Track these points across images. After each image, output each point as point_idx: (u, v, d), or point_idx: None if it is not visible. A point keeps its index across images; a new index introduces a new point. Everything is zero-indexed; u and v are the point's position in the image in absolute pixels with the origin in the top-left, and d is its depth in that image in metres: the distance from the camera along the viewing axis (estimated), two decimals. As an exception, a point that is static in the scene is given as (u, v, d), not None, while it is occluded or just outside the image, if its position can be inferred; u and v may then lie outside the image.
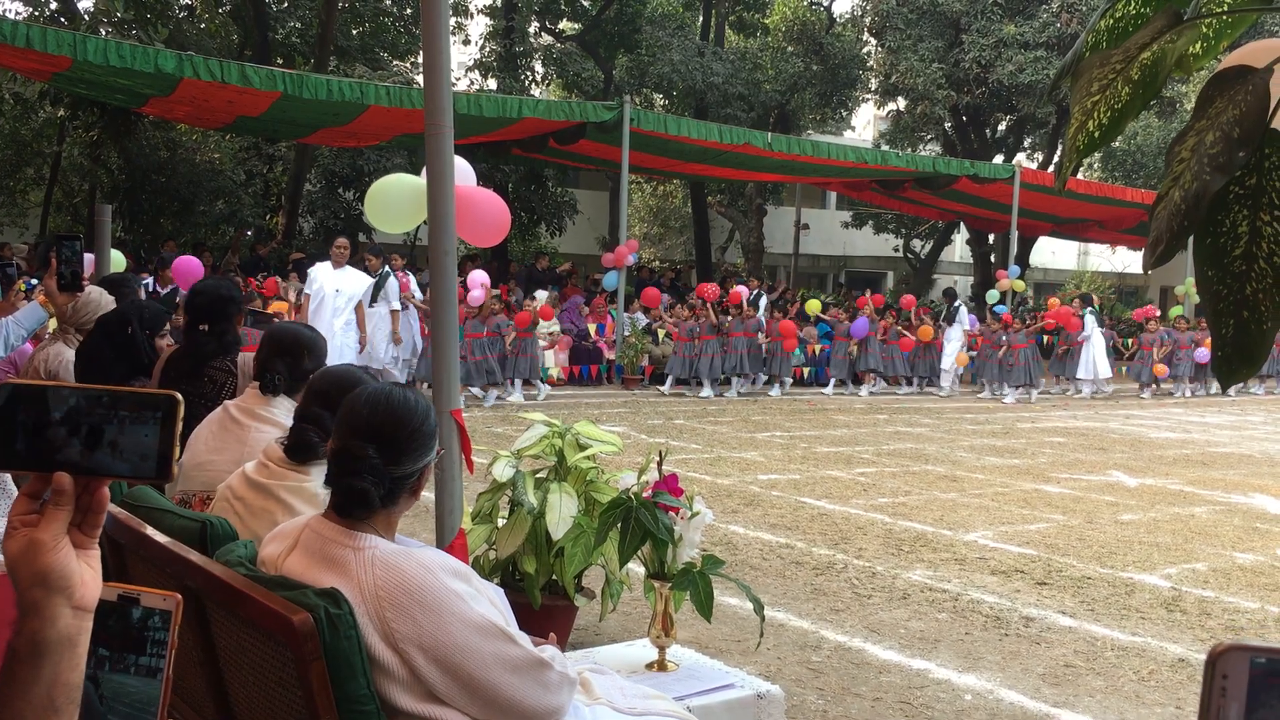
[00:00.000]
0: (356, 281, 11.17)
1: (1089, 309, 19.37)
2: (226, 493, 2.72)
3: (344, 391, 2.68)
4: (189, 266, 11.35)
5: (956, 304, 19.08)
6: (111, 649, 1.43)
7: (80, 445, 1.21)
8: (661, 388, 16.61)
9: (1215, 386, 20.19)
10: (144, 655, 1.46)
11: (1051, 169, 24.55)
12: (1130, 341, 21.46)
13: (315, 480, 2.65)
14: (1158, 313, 21.21)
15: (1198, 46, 2.57)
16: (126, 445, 1.24)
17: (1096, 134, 2.41)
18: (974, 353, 18.82)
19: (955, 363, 18.44)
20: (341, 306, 10.92)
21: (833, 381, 18.08)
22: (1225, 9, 2.53)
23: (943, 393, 18.45)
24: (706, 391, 16.31)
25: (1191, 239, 2.19)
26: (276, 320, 9.80)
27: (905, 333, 18.30)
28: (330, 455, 2.14)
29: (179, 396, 1.28)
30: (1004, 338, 18.09)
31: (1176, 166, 2.13)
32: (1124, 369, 21.00)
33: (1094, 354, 18.99)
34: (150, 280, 13.14)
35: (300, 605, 1.92)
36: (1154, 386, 19.95)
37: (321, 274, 11.07)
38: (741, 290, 17.31)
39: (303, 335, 3.79)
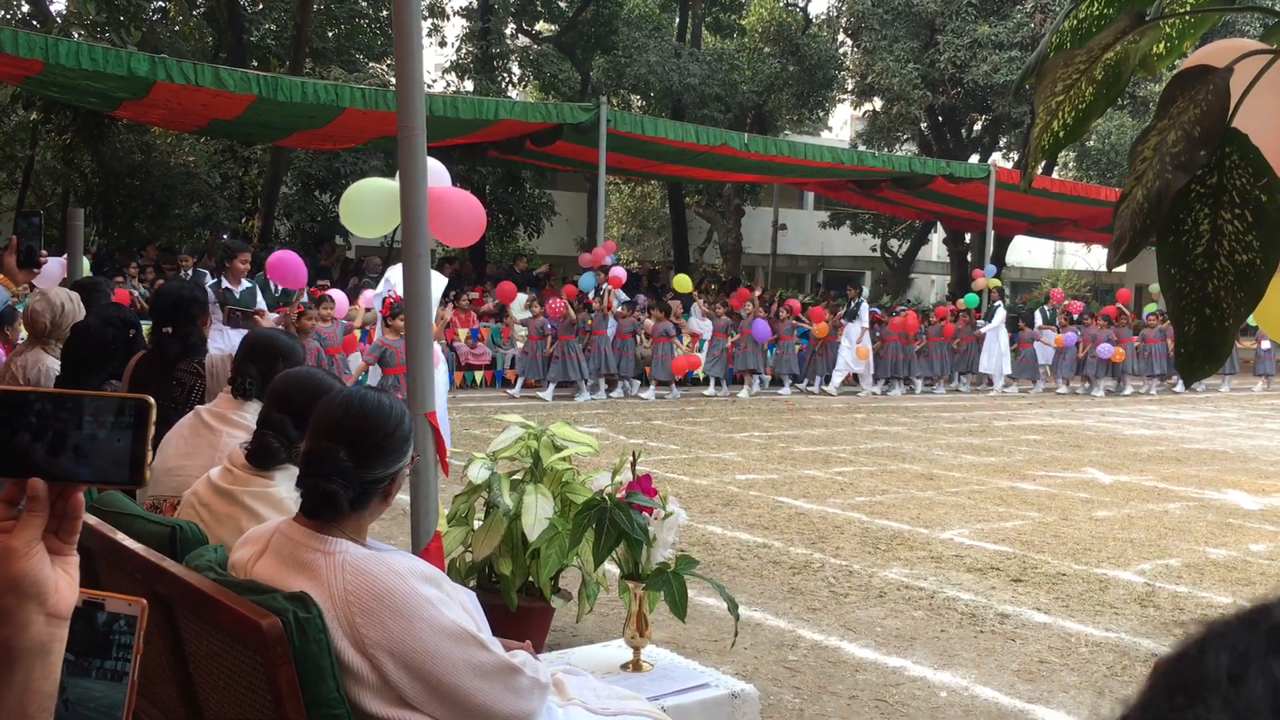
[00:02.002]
0: (435, 283, 10.60)
1: (1000, 304, 19.54)
2: (192, 499, 2.71)
3: (306, 395, 2.68)
4: (285, 264, 9.26)
5: (858, 300, 18.64)
6: (77, 654, 1.43)
7: (53, 451, 1.20)
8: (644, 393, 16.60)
9: (1126, 386, 20.20)
10: (109, 659, 1.46)
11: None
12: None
13: (280, 485, 2.64)
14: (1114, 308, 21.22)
15: (1161, 46, 2.59)
16: (99, 450, 1.24)
17: (1061, 134, 2.43)
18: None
19: (856, 358, 17.93)
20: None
21: (712, 382, 17.28)
22: (1187, 9, 2.56)
23: (831, 390, 18.02)
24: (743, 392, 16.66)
25: (1155, 238, 2.21)
26: (259, 321, 9.31)
27: (805, 322, 18.11)
28: (301, 457, 2.13)
29: (151, 400, 1.27)
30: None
31: (1139, 165, 2.15)
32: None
33: (999, 350, 19.04)
34: (214, 278, 12.22)
35: (269, 609, 1.92)
36: (1085, 382, 19.93)
37: (398, 276, 10.63)
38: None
39: (279, 341, 3.78)
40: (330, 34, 24.55)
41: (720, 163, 19.72)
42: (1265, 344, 20.51)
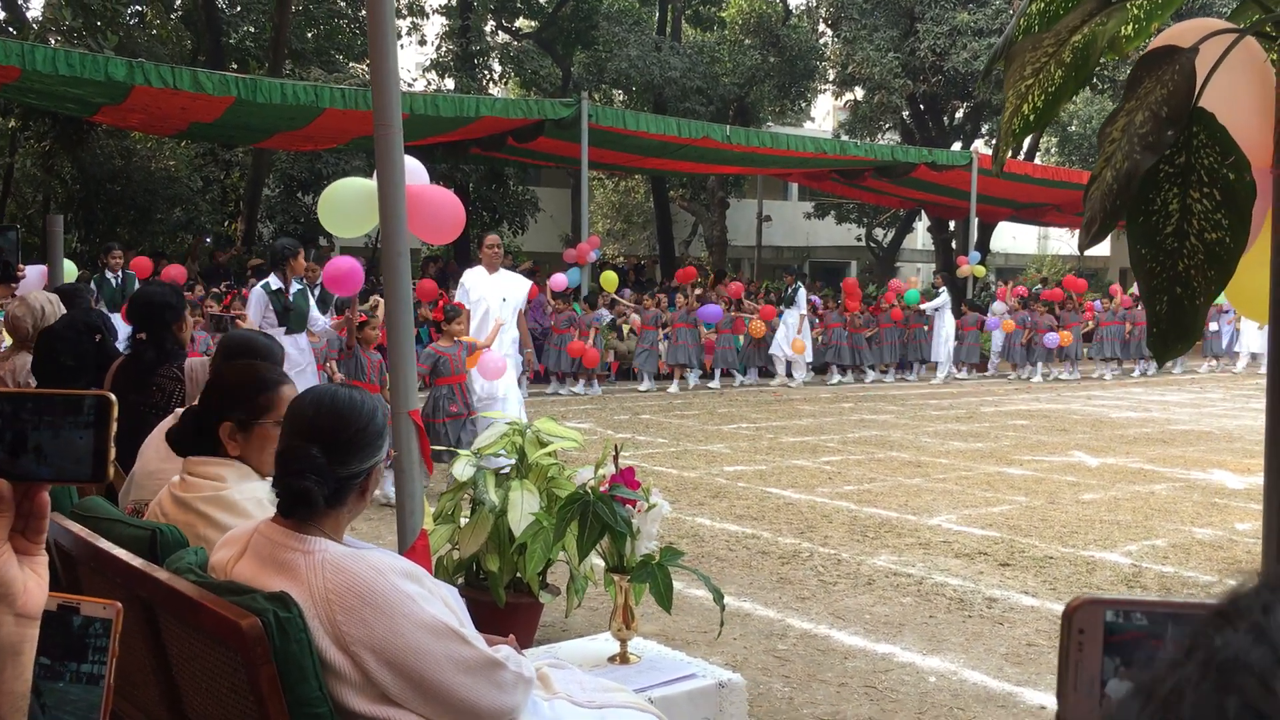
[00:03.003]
0: (518, 286, 9.31)
1: (943, 288, 19.56)
2: (157, 509, 2.70)
3: (210, 384, 2.74)
4: (341, 272, 7.72)
5: (795, 286, 18.25)
6: (52, 658, 1.43)
7: (14, 451, 1.20)
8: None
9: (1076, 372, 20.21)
10: (85, 663, 1.46)
11: (1011, 155, 24.73)
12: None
13: (233, 487, 2.62)
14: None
15: (1129, 28, 2.61)
16: (61, 449, 1.24)
17: (1031, 117, 2.45)
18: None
19: (792, 349, 17.55)
20: (509, 317, 8.97)
21: (645, 376, 16.90)
22: (1154, -9, 2.57)
23: (774, 382, 17.68)
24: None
25: (1125, 219, 2.22)
26: (238, 324, 8.27)
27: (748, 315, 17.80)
28: (276, 457, 2.13)
29: (111, 396, 1.27)
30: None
31: (1108, 147, 2.17)
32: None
33: (944, 335, 19.04)
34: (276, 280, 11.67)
35: (249, 610, 1.92)
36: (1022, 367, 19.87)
37: (477, 281, 9.16)
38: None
39: (257, 342, 3.77)
40: (309, 35, 24.48)
41: (703, 155, 19.72)
42: (1213, 326, 20.65)
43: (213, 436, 2.72)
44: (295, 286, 8.33)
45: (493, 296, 8.99)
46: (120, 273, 12.61)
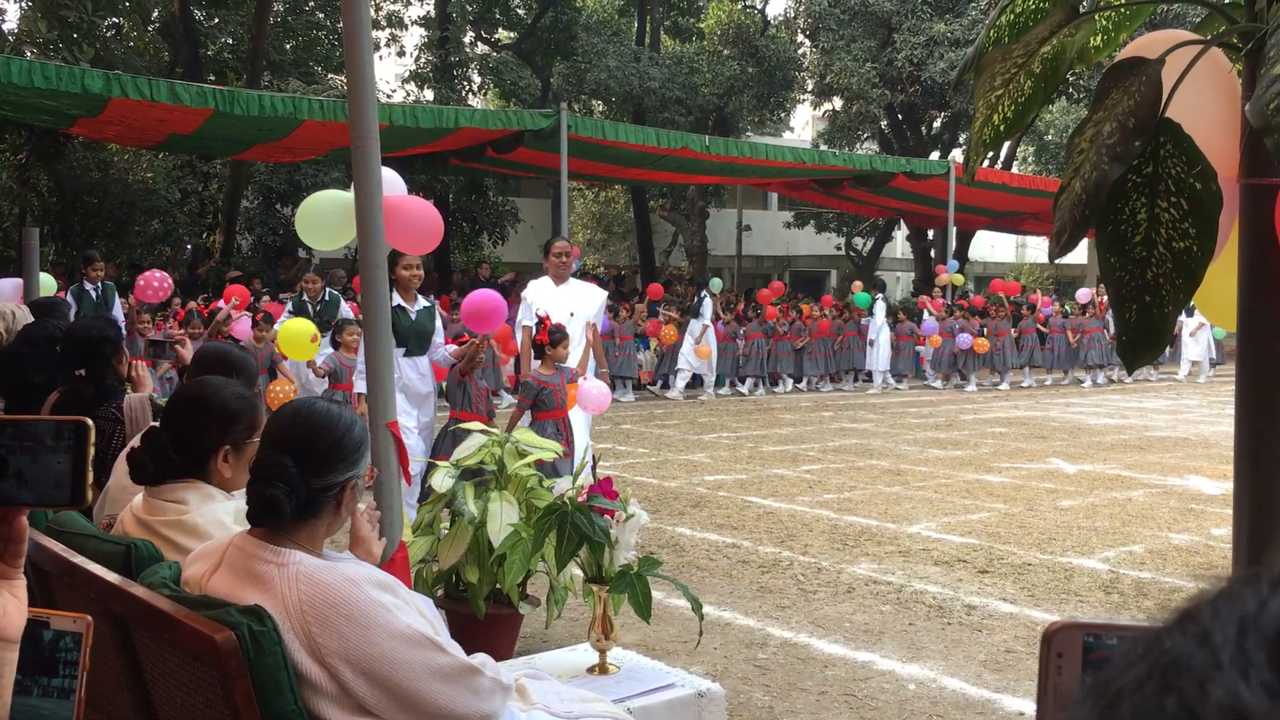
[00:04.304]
0: (590, 298, 8.17)
1: (880, 296, 19.59)
2: (119, 529, 2.69)
3: (188, 407, 2.66)
4: (480, 308, 6.80)
5: (701, 295, 18.11)
6: (24, 672, 1.42)
7: None
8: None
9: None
10: (56, 677, 1.46)
11: (990, 164, 24.89)
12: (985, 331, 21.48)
13: (195, 510, 2.60)
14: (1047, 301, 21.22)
15: (1098, 39, 2.64)
16: (40, 473, 1.24)
17: (1002, 127, 2.48)
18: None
19: (696, 354, 17.37)
20: (579, 333, 7.77)
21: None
22: (1121, 2, 2.60)
23: (670, 393, 17.49)
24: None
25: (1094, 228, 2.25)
26: (178, 347, 7.61)
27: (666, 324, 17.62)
28: (251, 467, 2.13)
29: (89, 422, 1.28)
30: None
31: (1076, 157, 2.19)
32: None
33: (880, 345, 19.04)
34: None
35: (223, 624, 1.91)
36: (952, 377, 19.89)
37: (542, 294, 7.98)
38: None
39: (232, 354, 3.76)
40: (288, 46, 24.42)
41: (683, 166, 19.76)
42: None
43: (201, 462, 2.66)
44: (421, 304, 7.21)
45: (560, 311, 7.74)
46: (99, 284, 12.31)
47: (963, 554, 6.74)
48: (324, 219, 4.87)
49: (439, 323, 7.40)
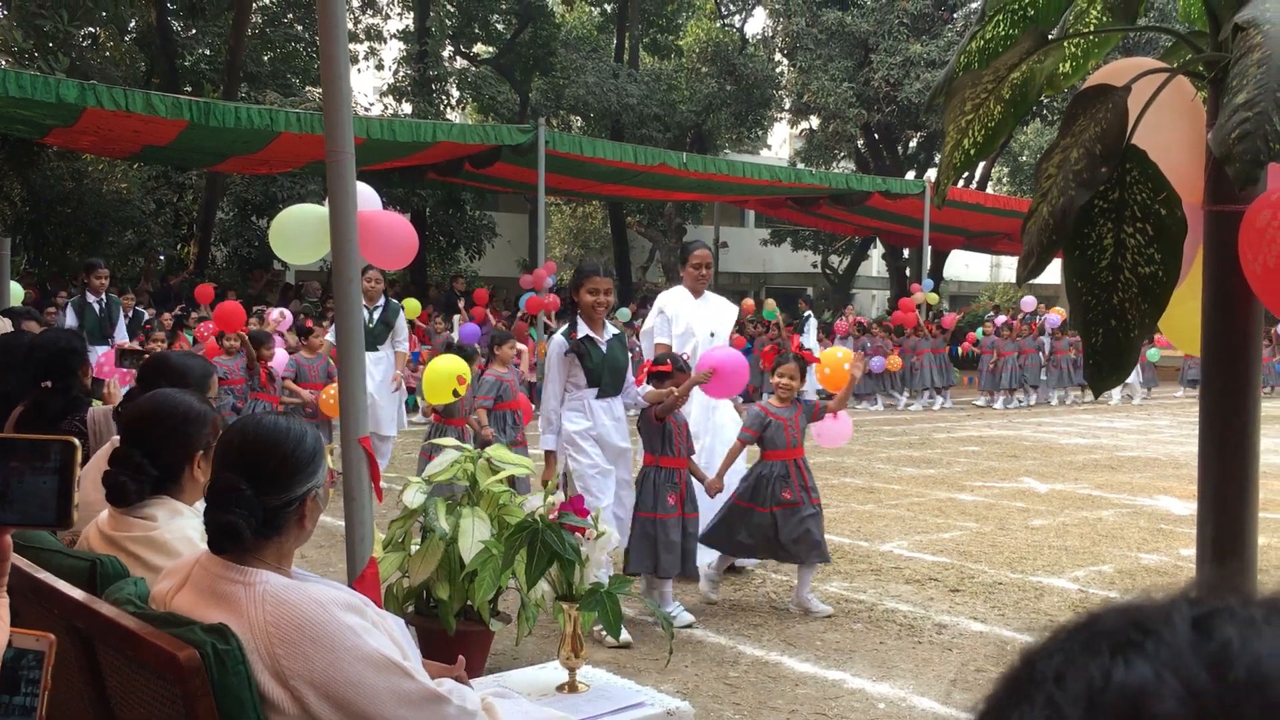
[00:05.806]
0: (729, 315, 7.08)
1: (809, 312, 19.49)
2: (84, 544, 2.66)
3: (151, 423, 2.64)
4: (726, 373, 5.93)
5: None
6: (-15, 690, 1.41)
7: None
8: None
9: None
10: (17, 695, 1.45)
11: (964, 184, 25.06)
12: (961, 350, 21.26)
13: (164, 526, 2.58)
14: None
15: (1067, 65, 2.67)
16: (27, 493, 1.23)
17: (972, 151, 2.50)
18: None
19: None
20: None
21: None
22: (1090, 30, 2.63)
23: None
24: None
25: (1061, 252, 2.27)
26: (105, 389, 6.68)
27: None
28: (206, 495, 2.12)
29: (75, 442, 1.27)
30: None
31: (1044, 183, 2.21)
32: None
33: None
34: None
35: (187, 642, 1.90)
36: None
37: (680, 306, 6.76)
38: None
39: (170, 360, 3.70)
40: (265, 58, 24.36)
41: (660, 182, 19.82)
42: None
43: (175, 475, 2.64)
44: (610, 332, 5.91)
45: (701, 329, 6.67)
46: (104, 296, 11.18)
47: (934, 572, 6.76)
48: (298, 234, 4.85)
49: (629, 356, 6.17)
